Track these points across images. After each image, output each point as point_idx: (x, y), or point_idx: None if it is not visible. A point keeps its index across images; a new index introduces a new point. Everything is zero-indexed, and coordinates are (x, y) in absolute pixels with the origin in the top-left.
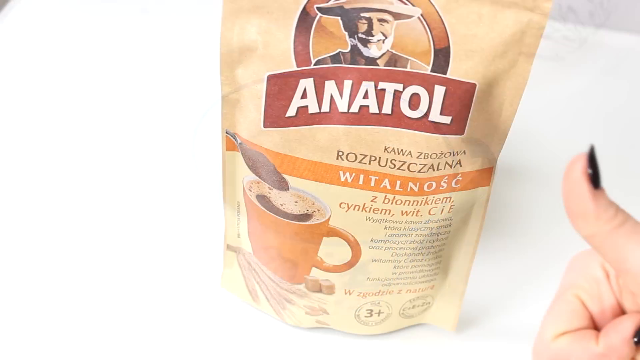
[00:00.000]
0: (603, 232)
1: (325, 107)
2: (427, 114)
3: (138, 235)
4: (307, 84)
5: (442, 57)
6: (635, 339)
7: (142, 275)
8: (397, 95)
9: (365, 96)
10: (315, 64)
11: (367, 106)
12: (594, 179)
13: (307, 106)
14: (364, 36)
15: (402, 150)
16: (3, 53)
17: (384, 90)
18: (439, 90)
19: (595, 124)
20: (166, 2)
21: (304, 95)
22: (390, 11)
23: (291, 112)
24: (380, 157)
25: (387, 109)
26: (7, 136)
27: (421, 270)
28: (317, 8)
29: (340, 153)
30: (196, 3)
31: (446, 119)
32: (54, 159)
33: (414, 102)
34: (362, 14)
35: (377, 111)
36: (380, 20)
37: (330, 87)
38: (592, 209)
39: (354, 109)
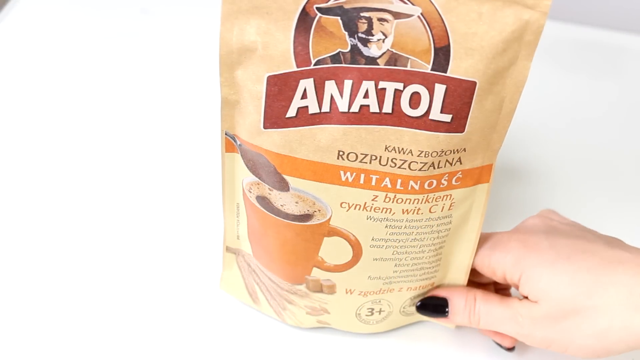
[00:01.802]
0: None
1: (326, 107)
2: (427, 113)
3: (137, 238)
4: (307, 84)
5: (442, 55)
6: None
7: (142, 277)
8: (397, 94)
9: (366, 96)
10: (315, 64)
11: (368, 105)
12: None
13: (307, 106)
14: (364, 36)
15: (402, 149)
16: (3, 53)
17: (384, 89)
18: (440, 89)
19: (595, 122)
20: (166, 2)
21: (304, 96)
22: (390, 10)
23: (291, 112)
24: (380, 156)
25: (387, 108)
26: (6, 136)
27: (422, 267)
28: (317, 8)
29: (341, 153)
30: (196, 3)
31: (447, 117)
32: (53, 159)
33: (415, 100)
34: (362, 14)
35: (378, 110)
36: (380, 19)
37: (330, 87)
38: None
39: (355, 108)
